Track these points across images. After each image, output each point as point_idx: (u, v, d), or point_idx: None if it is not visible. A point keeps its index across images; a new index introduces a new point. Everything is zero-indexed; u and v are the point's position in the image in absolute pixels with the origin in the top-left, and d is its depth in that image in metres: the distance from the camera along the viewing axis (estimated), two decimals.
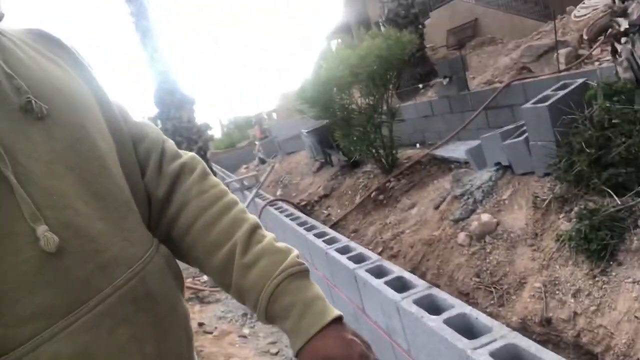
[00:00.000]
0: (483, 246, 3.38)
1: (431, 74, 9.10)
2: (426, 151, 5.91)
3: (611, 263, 2.66)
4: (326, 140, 7.25)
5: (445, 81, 6.38)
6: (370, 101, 5.83)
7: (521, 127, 3.89)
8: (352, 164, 6.77)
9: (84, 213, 0.65)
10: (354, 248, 3.27)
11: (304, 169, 8.49)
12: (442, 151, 5.61)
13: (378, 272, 2.76)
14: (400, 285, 2.53)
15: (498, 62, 7.63)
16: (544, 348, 1.63)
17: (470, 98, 6.07)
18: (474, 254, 3.38)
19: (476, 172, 4.18)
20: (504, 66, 6.97)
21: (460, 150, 5.30)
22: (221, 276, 0.80)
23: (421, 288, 2.39)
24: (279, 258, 0.76)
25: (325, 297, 0.77)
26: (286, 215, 4.99)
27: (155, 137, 0.87)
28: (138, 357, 0.69)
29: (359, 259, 3.04)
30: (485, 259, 3.29)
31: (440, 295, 2.30)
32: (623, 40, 3.22)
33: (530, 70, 6.37)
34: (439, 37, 12.73)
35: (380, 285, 2.53)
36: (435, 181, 4.91)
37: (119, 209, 0.71)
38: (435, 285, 3.43)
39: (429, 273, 3.59)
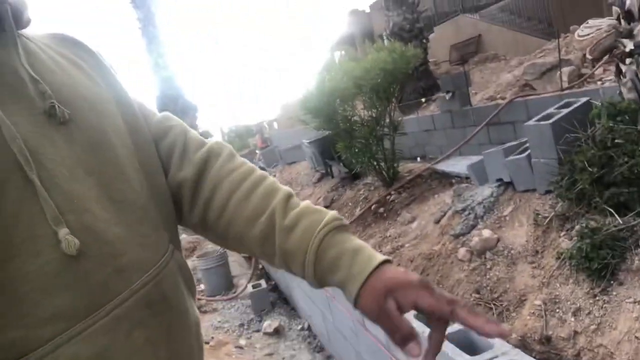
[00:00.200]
0: (483, 262, 3.37)
1: (434, 88, 9.15)
2: (427, 165, 5.92)
3: (612, 282, 2.65)
4: (327, 151, 7.26)
5: (448, 96, 6.41)
6: (373, 113, 5.84)
7: (524, 144, 3.90)
8: (353, 176, 6.77)
9: (103, 217, 0.66)
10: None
11: (304, 180, 8.50)
12: (444, 165, 5.62)
13: None
14: None
15: (501, 79, 7.67)
16: None
17: (473, 113, 6.10)
18: (474, 269, 3.37)
19: (477, 188, 4.18)
20: (507, 83, 7.01)
21: (461, 165, 5.31)
22: (263, 245, 0.80)
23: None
24: (319, 216, 0.78)
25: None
26: None
27: (178, 130, 0.89)
28: None
29: None
30: (485, 275, 3.28)
31: None
32: (628, 61, 3.25)
33: (532, 88, 6.40)
34: (442, 52, 12.82)
35: None
36: (436, 195, 4.91)
37: (135, 214, 0.72)
38: None
39: None
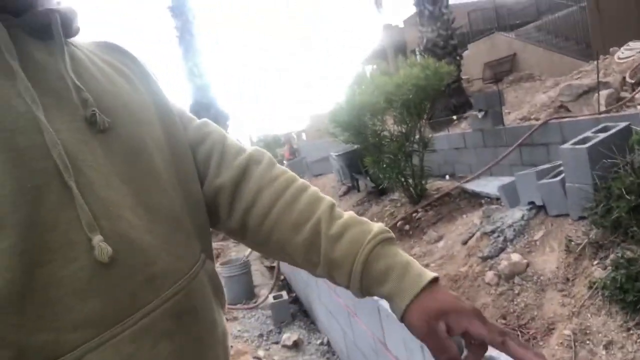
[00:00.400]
0: (511, 287, 3.28)
1: (465, 105, 9.07)
2: (456, 183, 5.84)
3: None
4: (355, 164, 7.25)
5: (480, 114, 6.33)
6: (403, 129, 5.81)
7: (558, 167, 3.80)
8: (380, 191, 6.73)
9: (136, 225, 0.66)
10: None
11: (330, 192, 8.48)
12: (473, 185, 5.53)
13: None
14: None
15: (535, 99, 7.54)
16: None
17: (505, 133, 6.00)
18: (501, 294, 3.28)
19: (508, 210, 4.09)
20: (541, 103, 6.88)
21: (491, 185, 5.22)
22: (307, 253, 0.80)
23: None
24: (366, 227, 0.78)
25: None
26: None
27: (216, 137, 0.89)
28: None
29: None
30: (512, 301, 3.19)
31: None
32: None
33: (568, 110, 6.27)
34: (475, 70, 12.71)
35: None
36: (464, 215, 4.83)
37: (168, 224, 0.72)
38: None
39: None
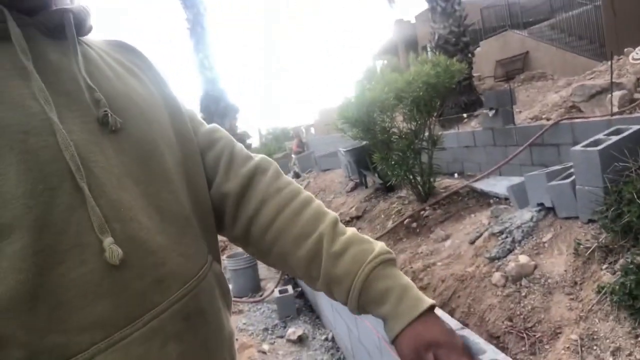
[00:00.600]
0: (518, 289, 3.26)
1: (476, 103, 9.00)
2: (465, 182, 5.80)
3: None
4: (363, 160, 7.22)
5: (491, 113, 6.27)
6: (412, 126, 5.77)
7: (568, 169, 3.76)
8: (387, 188, 6.70)
9: (147, 227, 0.66)
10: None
11: (338, 188, 8.46)
12: (482, 184, 5.49)
13: None
14: None
15: (547, 99, 7.47)
16: None
17: (516, 132, 5.95)
18: (508, 296, 3.26)
19: (517, 211, 4.05)
20: (553, 103, 6.81)
21: (500, 185, 5.18)
22: (308, 267, 0.80)
23: (453, 328, 2.31)
24: (368, 246, 0.78)
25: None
26: None
27: (224, 143, 0.89)
28: None
29: None
30: (519, 303, 3.17)
31: (473, 337, 2.21)
32: None
33: (580, 110, 6.20)
34: (487, 67, 12.60)
35: None
36: (472, 215, 4.79)
37: (178, 225, 0.72)
38: (465, 325, 3.32)
39: (459, 311, 3.48)
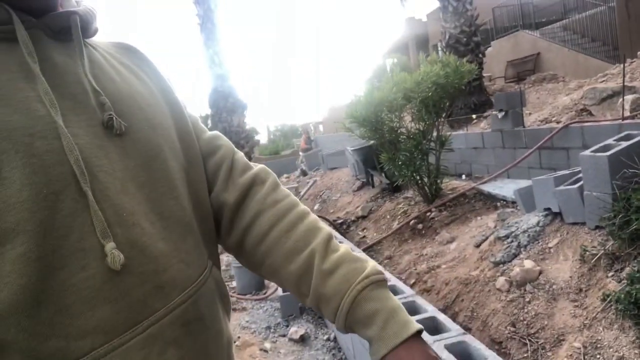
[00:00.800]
0: (522, 294, 3.23)
1: (486, 104, 8.93)
2: (472, 184, 5.77)
3: None
4: (370, 160, 7.20)
5: (500, 114, 6.23)
6: (420, 127, 5.74)
7: (576, 174, 3.72)
8: (394, 188, 6.68)
9: (149, 232, 0.66)
10: (387, 279, 3.19)
11: (344, 187, 8.45)
12: (489, 187, 5.46)
13: (410, 309, 2.68)
14: (432, 327, 2.44)
15: (557, 101, 7.40)
16: None
17: (525, 135, 5.90)
18: (511, 301, 3.24)
19: (523, 215, 4.02)
20: (563, 106, 6.74)
21: (508, 188, 5.14)
22: (298, 283, 0.79)
23: (454, 333, 2.30)
24: (359, 266, 0.77)
25: None
26: None
27: (225, 151, 0.89)
28: None
29: (392, 291, 2.95)
30: (523, 308, 3.14)
31: (474, 344, 2.20)
32: None
33: (591, 114, 6.13)
34: (498, 68, 12.50)
35: None
36: (478, 217, 4.77)
37: (179, 230, 0.72)
38: (467, 329, 3.31)
39: (462, 315, 3.46)
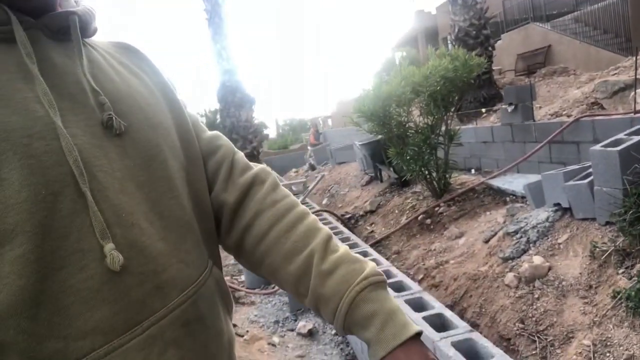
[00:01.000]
0: (531, 290, 3.21)
1: (495, 98, 8.85)
2: (481, 179, 5.72)
3: None
4: (378, 154, 7.18)
5: (510, 108, 6.17)
6: (429, 121, 5.70)
7: (587, 169, 3.68)
8: (402, 183, 6.65)
9: (148, 232, 0.65)
10: (394, 274, 3.19)
11: (353, 181, 8.43)
12: (499, 181, 5.41)
13: (417, 305, 2.68)
14: (439, 323, 2.44)
15: (568, 94, 7.32)
16: None
17: (535, 129, 5.84)
18: (520, 297, 3.21)
19: (533, 210, 3.99)
20: (574, 99, 6.66)
21: (518, 182, 5.10)
22: (297, 283, 0.79)
23: (462, 330, 2.29)
24: (358, 267, 0.77)
25: None
26: (330, 228, 4.95)
27: (225, 150, 0.89)
28: None
29: (398, 287, 2.96)
30: (532, 305, 3.12)
31: (481, 341, 2.19)
32: None
33: (602, 107, 6.06)
34: (508, 60, 12.39)
35: (419, 320, 2.44)
36: (487, 212, 4.73)
37: (179, 230, 0.72)
38: (475, 325, 3.29)
39: (470, 311, 3.44)
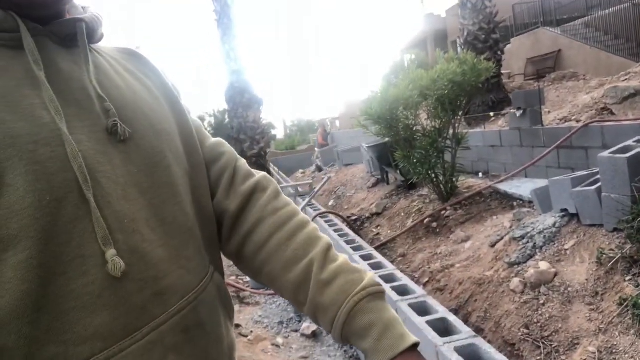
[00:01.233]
0: (537, 296, 3.19)
1: (504, 102, 8.81)
2: (489, 183, 5.70)
3: None
4: (385, 157, 7.17)
5: (518, 113, 6.14)
6: (436, 125, 5.69)
7: (595, 175, 3.66)
8: (409, 186, 6.64)
9: (150, 239, 0.66)
10: (399, 278, 3.18)
11: (359, 183, 8.43)
12: (506, 186, 5.39)
13: (421, 309, 2.67)
14: (443, 328, 2.43)
15: (577, 99, 7.27)
16: None
17: (543, 134, 5.81)
18: (525, 302, 3.20)
19: (540, 215, 3.97)
20: (584, 105, 6.62)
21: (525, 187, 5.08)
22: (296, 292, 0.79)
23: (465, 335, 2.29)
24: (357, 277, 0.77)
25: None
26: (335, 230, 4.96)
27: (228, 158, 0.89)
28: None
29: (402, 291, 2.95)
30: (537, 311, 3.10)
31: (485, 347, 2.18)
32: None
33: (612, 113, 6.02)
34: (517, 65, 12.33)
35: (422, 325, 2.44)
36: (494, 217, 4.71)
37: (181, 236, 0.72)
38: (480, 330, 3.28)
39: (475, 315, 3.43)
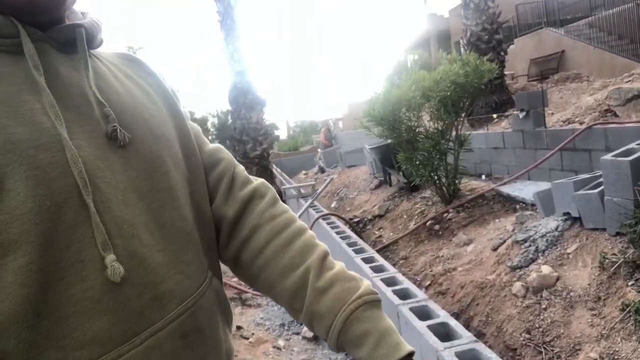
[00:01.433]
0: (538, 300, 3.18)
1: (507, 103, 8.79)
2: (491, 185, 5.69)
3: None
4: (388, 158, 7.16)
5: (521, 114, 6.12)
6: (439, 126, 5.68)
7: (598, 178, 3.64)
8: (411, 188, 6.63)
9: (148, 243, 0.66)
10: (400, 281, 3.18)
11: (362, 185, 8.42)
12: (509, 188, 5.37)
13: (422, 313, 2.67)
14: (444, 333, 2.42)
15: (581, 101, 7.24)
16: None
17: (546, 136, 5.79)
18: (527, 307, 3.18)
19: (542, 219, 3.95)
20: (587, 106, 6.59)
21: (528, 190, 5.06)
22: (292, 299, 0.79)
23: (466, 340, 2.28)
24: (353, 285, 0.77)
25: None
26: (337, 232, 4.95)
27: (226, 164, 0.89)
28: None
29: (404, 295, 2.95)
30: (539, 315, 3.09)
31: (485, 352, 2.18)
32: None
33: (615, 115, 5.98)
34: (520, 65, 12.30)
35: (423, 329, 2.43)
36: (497, 220, 4.70)
37: (180, 241, 0.72)
38: (482, 335, 3.27)
39: (476, 319, 3.42)
